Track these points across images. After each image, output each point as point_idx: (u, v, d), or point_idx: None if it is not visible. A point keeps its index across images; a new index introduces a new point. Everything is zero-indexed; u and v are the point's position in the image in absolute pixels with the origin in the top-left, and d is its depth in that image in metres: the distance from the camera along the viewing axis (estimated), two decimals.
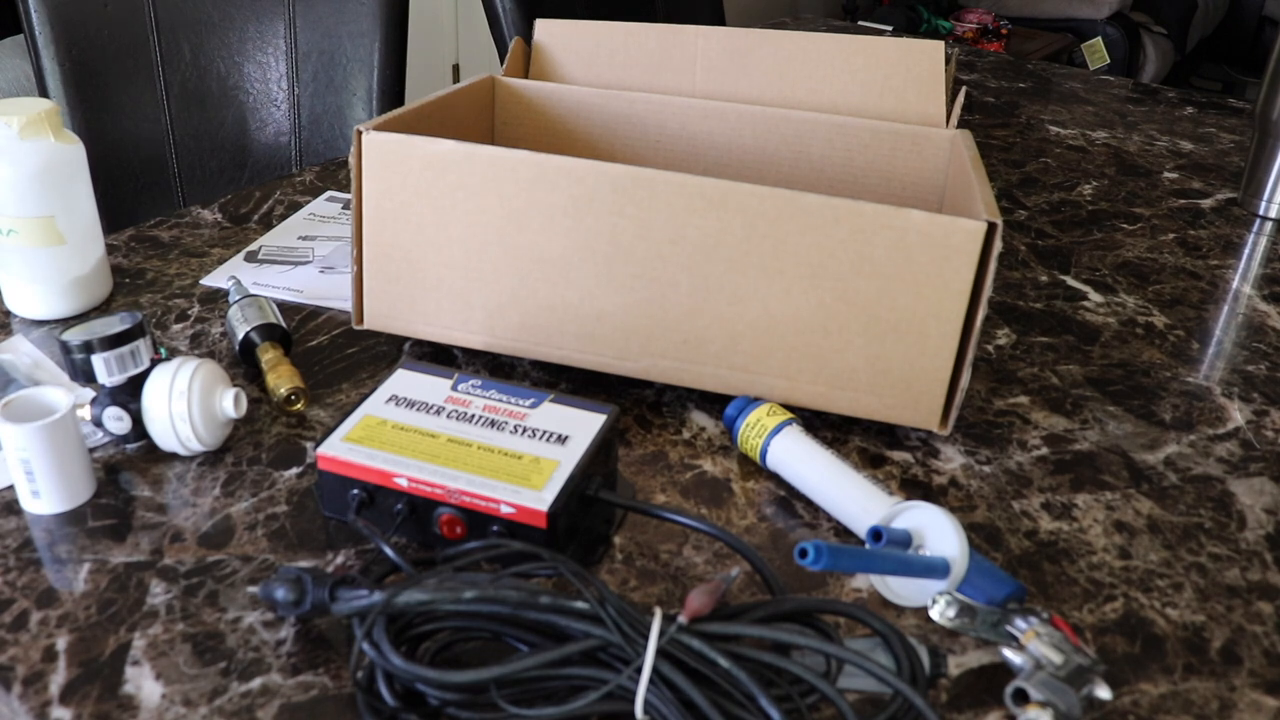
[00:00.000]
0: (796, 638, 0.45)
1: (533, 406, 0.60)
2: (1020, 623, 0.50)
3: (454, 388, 0.62)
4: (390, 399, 0.61)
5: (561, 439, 0.58)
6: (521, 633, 0.47)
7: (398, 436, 0.58)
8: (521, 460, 0.56)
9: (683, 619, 0.45)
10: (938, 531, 0.54)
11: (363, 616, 0.47)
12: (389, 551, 0.53)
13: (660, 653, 0.44)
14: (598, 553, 0.59)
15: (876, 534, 0.54)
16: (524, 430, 0.58)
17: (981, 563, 0.55)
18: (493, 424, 0.59)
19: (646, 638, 0.44)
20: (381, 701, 0.46)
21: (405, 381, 0.63)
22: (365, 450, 0.57)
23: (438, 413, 0.60)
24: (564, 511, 0.54)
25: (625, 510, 0.61)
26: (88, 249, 0.80)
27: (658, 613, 0.45)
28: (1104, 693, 0.49)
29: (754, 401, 0.68)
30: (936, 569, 0.53)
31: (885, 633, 0.47)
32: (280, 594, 0.51)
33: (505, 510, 0.54)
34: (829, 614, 0.49)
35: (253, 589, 0.55)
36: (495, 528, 0.55)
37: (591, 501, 0.58)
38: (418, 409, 0.60)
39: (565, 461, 0.56)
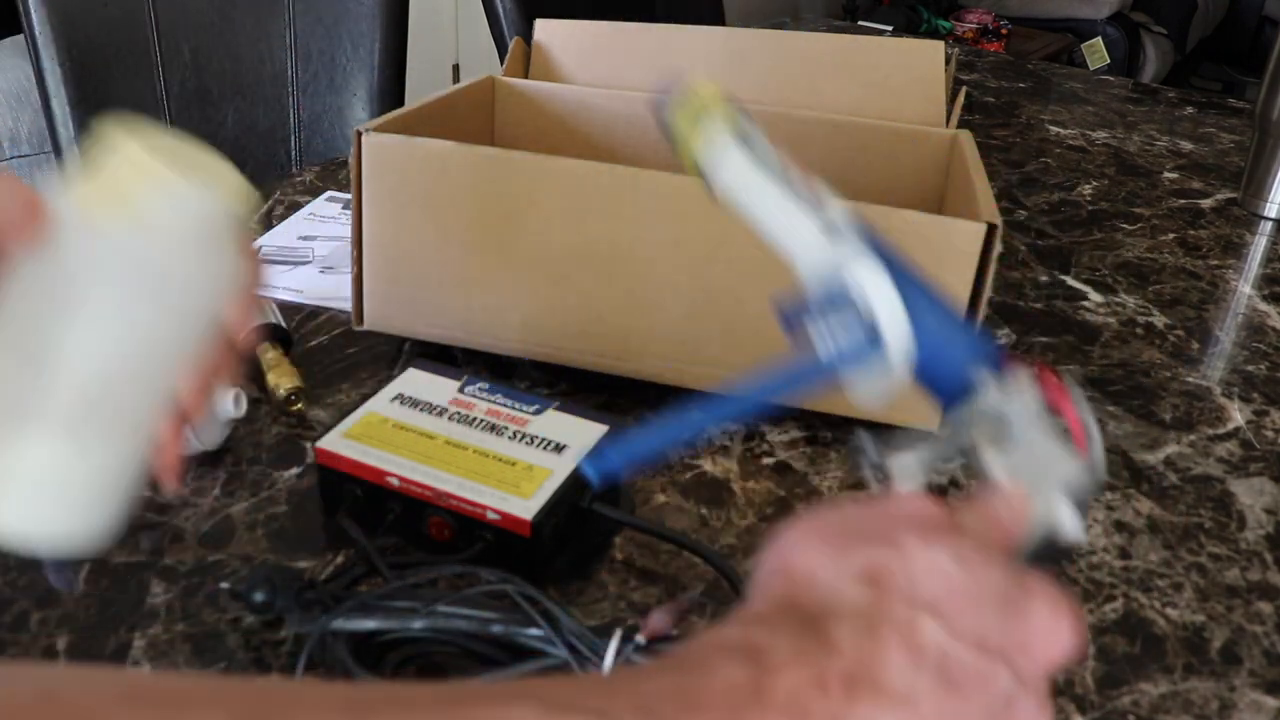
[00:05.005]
0: None
1: (536, 413, 0.60)
2: (995, 419, 0.36)
3: (461, 390, 0.62)
4: (396, 397, 0.61)
5: (559, 448, 0.58)
6: (488, 648, 0.47)
7: (396, 436, 0.58)
8: (515, 467, 0.56)
9: (641, 639, 0.45)
10: (859, 291, 0.38)
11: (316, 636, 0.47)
12: (372, 554, 0.53)
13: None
14: (591, 565, 0.58)
15: (783, 316, 0.41)
16: (523, 437, 0.58)
17: (933, 323, 0.38)
18: (493, 428, 0.59)
19: (603, 659, 0.44)
20: None
21: (414, 381, 0.63)
22: (362, 447, 0.57)
23: (440, 414, 0.60)
24: (549, 521, 0.54)
25: (618, 525, 0.61)
26: None
27: (617, 634, 0.45)
28: (1068, 522, 0.35)
29: (670, 94, 0.46)
30: (848, 357, 0.38)
31: None
32: (252, 594, 0.51)
33: (491, 516, 0.54)
34: None
35: (225, 585, 0.55)
36: (485, 533, 0.55)
37: (584, 513, 0.57)
38: (421, 409, 0.60)
39: (558, 471, 0.56)
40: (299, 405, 0.69)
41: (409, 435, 0.58)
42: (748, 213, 0.45)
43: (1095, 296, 0.95)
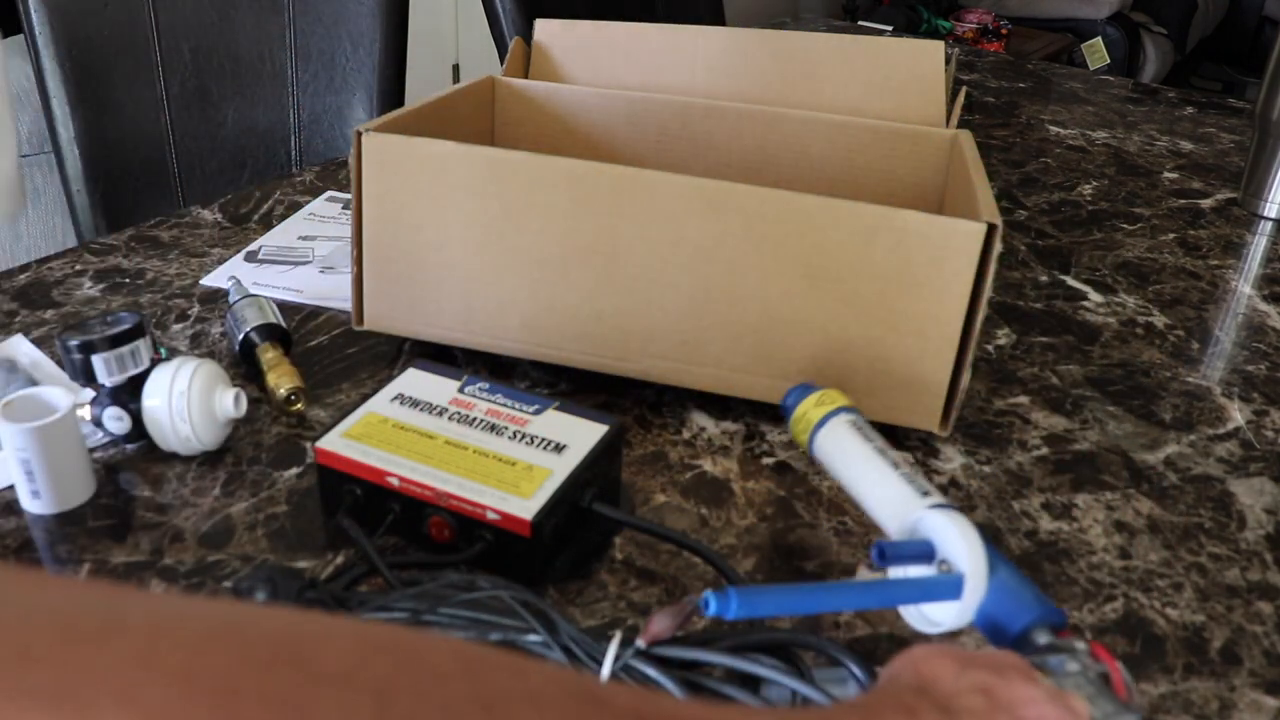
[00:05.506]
0: (759, 668, 0.44)
1: (536, 413, 0.60)
2: (1051, 662, 0.42)
3: (460, 390, 0.62)
4: (396, 397, 0.61)
5: (559, 448, 0.58)
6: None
7: (396, 436, 0.58)
8: (515, 467, 0.56)
9: (641, 643, 0.44)
10: (950, 543, 0.47)
11: None
12: (372, 554, 0.53)
13: (615, 679, 0.44)
14: (591, 565, 0.58)
15: (881, 552, 0.47)
16: (523, 437, 0.58)
17: (1007, 580, 0.46)
18: (492, 428, 0.59)
19: (600, 663, 0.44)
20: None
21: (413, 381, 0.63)
22: (361, 447, 0.57)
23: (440, 414, 0.60)
24: (549, 521, 0.54)
25: (618, 525, 0.61)
26: None
27: (615, 637, 0.45)
28: None
29: (808, 389, 0.61)
30: (934, 591, 0.46)
31: (860, 677, 0.46)
32: (253, 594, 0.51)
33: (491, 516, 0.54)
34: (805, 649, 0.48)
35: (227, 584, 0.55)
36: (484, 533, 0.55)
37: (584, 513, 0.57)
38: (421, 409, 0.60)
39: (558, 471, 0.56)
40: (299, 405, 0.69)
41: (409, 435, 0.58)
42: (849, 475, 0.57)
43: (1095, 296, 0.95)
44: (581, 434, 0.59)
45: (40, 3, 1.17)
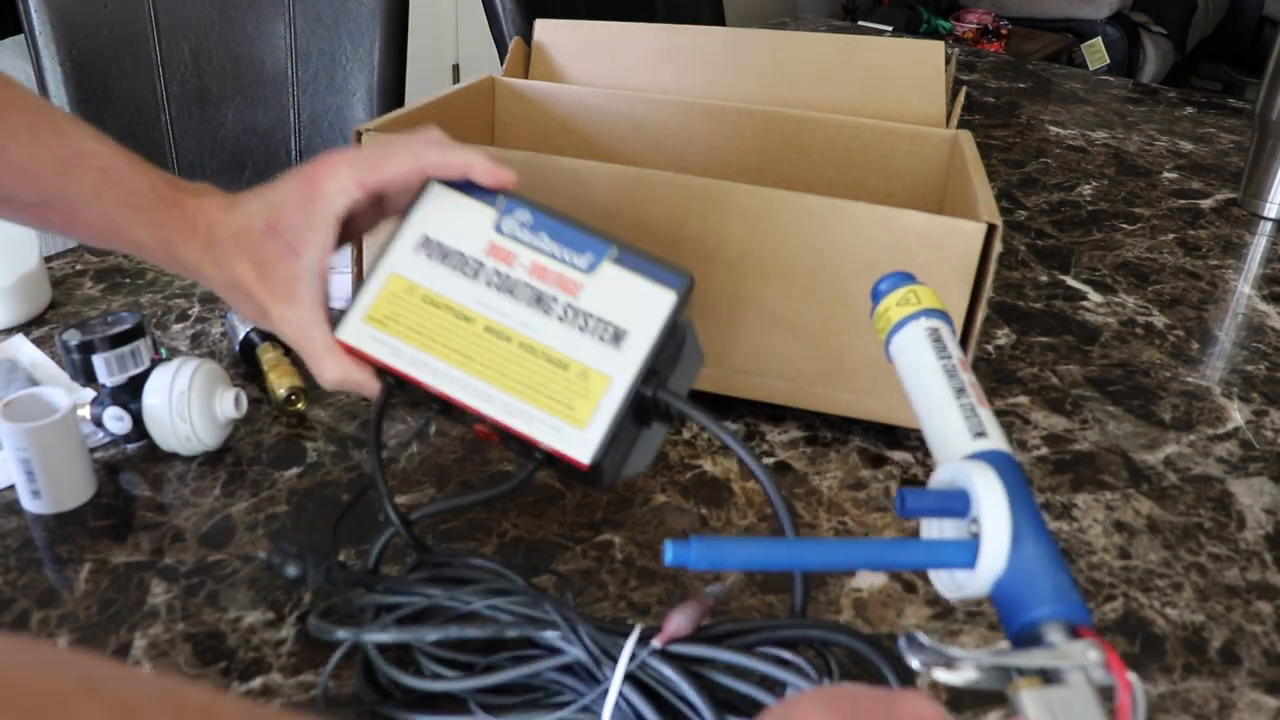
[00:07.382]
0: (776, 671, 0.44)
1: (589, 270, 0.52)
2: (1050, 668, 0.36)
3: (498, 227, 0.53)
4: (423, 243, 0.53)
5: (618, 336, 0.51)
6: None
7: (429, 320, 0.52)
8: (568, 372, 0.50)
9: (657, 644, 0.44)
10: (977, 501, 0.40)
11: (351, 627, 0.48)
12: (381, 486, 0.51)
13: (630, 677, 0.44)
14: (594, 567, 0.58)
15: (904, 501, 0.41)
16: (574, 314, 0.51)
17: (1031, 562, 0.39)
18: (539, 299, 0.52)
19: (616, 660, 0.44)
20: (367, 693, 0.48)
21: (440, 211, 0.54)
22: (390, 341, 0.51)
23: (475, 273, 0.52)
24: (609, 454, 0.49)
25: (680, 416, 0.53)
26: (16, 261, 0.78)
27: (633, 635, 0.44)
28: None
29: (902, 280, 0.52)
30: (940, 556, 0.41)
31: (888, 675, 0.44)
32: (287, 569, 0.51)
33: (544, 445, 0.49)
34: (837, 644, 0.46)
35: (263, 554, 0.55)
36: (537, 453, 0.50)
37: (648, 403, 0.51)
38: (453, 264, 0.53)
39: (618, 379, 0.49)
40: (299, 405, 0.69)
41: (442, 318, 0.52)
42: (914, 396, 0.48)
43: (1095, 296, 0.95)
44: (644, 308, 0.51)
45: (40, 3, 1.17)
